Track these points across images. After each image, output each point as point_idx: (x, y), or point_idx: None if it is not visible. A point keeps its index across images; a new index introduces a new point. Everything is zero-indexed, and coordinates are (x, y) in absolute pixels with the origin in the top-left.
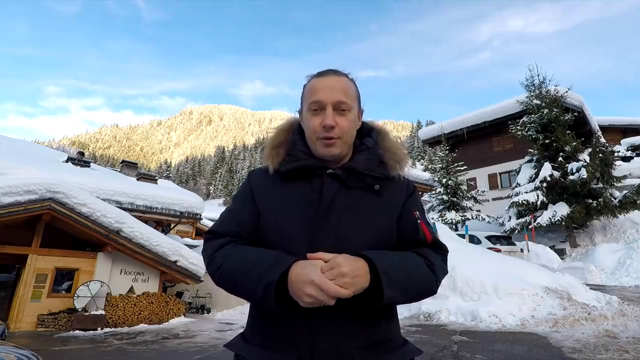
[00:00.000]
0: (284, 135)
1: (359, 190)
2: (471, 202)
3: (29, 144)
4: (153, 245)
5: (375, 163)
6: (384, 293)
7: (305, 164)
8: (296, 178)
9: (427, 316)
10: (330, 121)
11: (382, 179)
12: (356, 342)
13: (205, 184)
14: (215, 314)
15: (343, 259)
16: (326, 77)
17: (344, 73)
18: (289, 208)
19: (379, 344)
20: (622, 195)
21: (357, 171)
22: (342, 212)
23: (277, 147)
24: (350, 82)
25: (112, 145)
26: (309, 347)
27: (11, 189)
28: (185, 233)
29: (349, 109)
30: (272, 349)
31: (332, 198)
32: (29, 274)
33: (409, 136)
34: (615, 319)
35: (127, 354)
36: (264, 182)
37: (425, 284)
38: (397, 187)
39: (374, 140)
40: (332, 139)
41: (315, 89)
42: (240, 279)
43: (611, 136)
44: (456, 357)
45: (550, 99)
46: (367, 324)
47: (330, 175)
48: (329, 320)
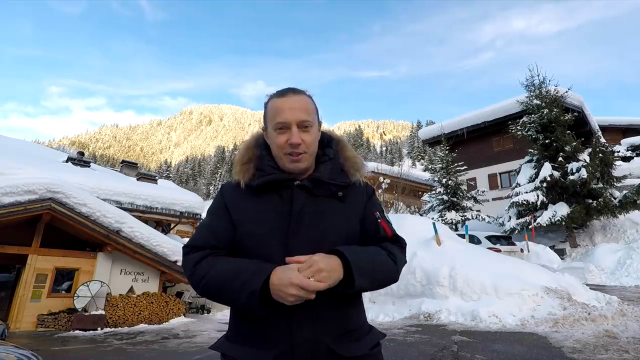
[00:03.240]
0: (251, 151)
1: (324, 197)
2: (471, 202)
3: (29, 144)
4: (153, 245)
5: (337, 172)
6: (354, 281)
7: (275, 178)
8: (267, 191)
9: (427, 316)
10: (297, 139)
11: (345, 186)
12: (331, 332)
13: (205, 184)
14: (215, 314)
15: (318, 257)
16: (287, 98)
17: (302, 91)
18: (263, 219)
19: (350, 332)
20: (622, 195)
21: (322, 181)
22: (311, 219)
23: (247, 164)
24: (309, 100)
25: (112, 145)
26: (289, 341)
27: (11, 189)
28: (185, 233)
29: (311, 125)
30: (256, 346)
31: (302, 207)
32: (29, 274)
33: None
34: (615, 319)
35: (127, 354)
36: (237, 196)
37: (389, 272)
38: (358, 192)
39: (334, 150)
40: (299, 155)
41: (278, 110)
42: (224, 289)
43: (611, 136)
44: (456, 357)
45: (550, 99)
46: (339, 315)
47: (298, 187)
48: (306, 315)
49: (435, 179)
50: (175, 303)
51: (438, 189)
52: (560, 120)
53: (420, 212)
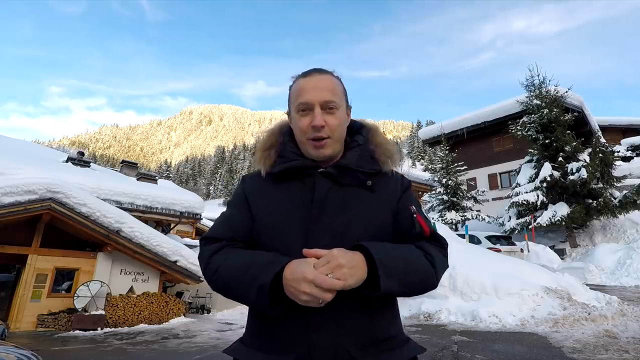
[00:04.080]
0: (274, 137)
1: (351, 186)
2: (471, 202)
3: (29, 144)
4: (153, 245)
5: (366, 159)
6: (380, 282)
7: (297, 164)
8: (289, 179)
9: (427, 316)
10: (320, 121)
11: (374, 175)
12: (355, 339)
13: (205, 184)
14: (215, 314)
15: (338, 252)
16: (311, 77)
17: (329, 71)
18: (282, 209)
19: (379, 341)
20: (622, 195)
21: (349, 168)
22: (335, 209)
23: (268, 150)
24: (335, 80)
25: (112, 145)
26: (307, 346)
27: (11, 189)
28: (185, 233)
29: (337, 107)
30: (271, 351)
31: (325, 196)
32: (29, 274)
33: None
34: (615, 319)
35: (127, 354)
36: (257, 185)
37: (424, 275)
38: (390, 183)
39: (364, 137)
40: (322, 140)
41: (301, 90)
42: (235, 283)
43: (611, 136)
44: (456, 357)
45: (550, 99)
46: (366, 321)
47: (322, 174)
48: (326, 317)
49: (435, 179)
50: (175, 303)
51: (438, 189)
52: (560, 120)
53: None
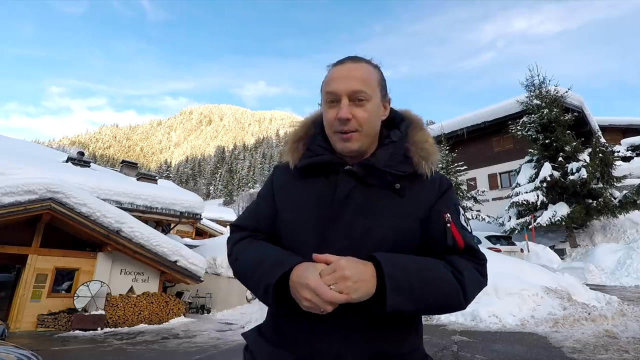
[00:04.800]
0: (305, 129)
1: (378, 188)
2: (471, 202)
3: (29, 144)
4: (153, 245)
5: (398, 159)
6: (387, 299)
7: (322, 160)
8: (314, 174)
9: (427, 316)
10: (345, 113)
11: (405, 177)
12: (360, 352)
13: (205, 184)
14: (215, 314)
15: (346, 262)
16: (343, 65)
17: (365, 59)
18: (302, 205)
19: (388, 356)
20: (622, 195)
21: (376, 167)
22: (355, 211)
23: (297, 142)
24: (370, 68)
25: (112, 145)
26: (310, 350)
27: (11, 189)
28: (185, 233)
29: (368, 99)
30: (277, 345)
31: (347, 196)
32: (29, 274)
33: None
34: (615, 319)
35: (127, 354)
36: (285, 178)
37: (446, 295)
38: (425, 186)
39: (401, 132)
40: (348, 133)
41: (331, 79)
42: (247, 277)
43: (611, 136)
44: (456, 357)
45: (550, 99)
46: (375, 334)
47: (347, 172)
48: (331, 326)
49: None
50: (175, 303)
51: None
52: (560, 120)
53: None
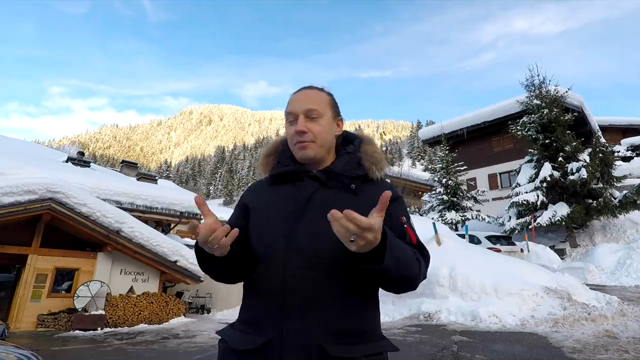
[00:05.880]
0: (275, 147)
1: (337, 189)
2: (471, 202)
3: (29, 144)
4: (153, 245)
5: (353, 165)
6: (385, 258)
7: (290, 169)
8: (283, 182)
9: (427, 316)
10: (301, 127)
11: (358, 179)
12: (326, 329)
13: (205, 184)
14: (215, 314)
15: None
16: (299, 92)
17: (317, 87)
18: (272, 204)
19: (352, 334)
20: (622, 195)
21: (334, 172)
22: (317, 208)
23: (268, 157)
24: (322, 93)
25: (112, 145)
26: (279, 331)
27: (11, 189)
28: (185, 233)
29: (320, 115)
30: (247, 332)
31: (310, 196)
32: (29, 274)
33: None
34: (615, 319)
35: (127, 354)
36: (258, 189)
37: (413, 269)
38: (376, 189)
39: (355, 146)
40: (305, 142)
41: (290, 103)
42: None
43: (611, 136)
44: (456, 357)
45: (550, 99)
46: (342, 312)
47: (310, 177)
48: (300, 306)
49: (435, 179)
50: (175, 303)
51: (438, 189)
52: (560, 120)
53: (420, 212)
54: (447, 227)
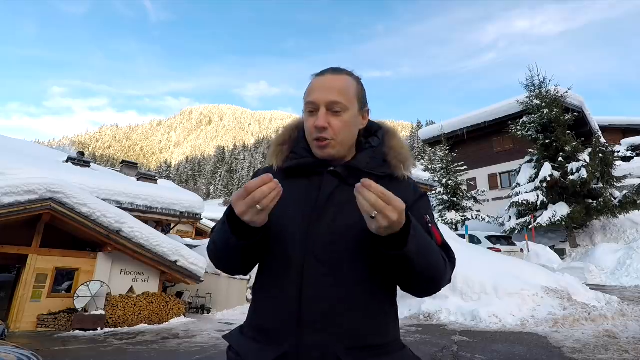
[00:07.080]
0: (289, 133)
1: None
2: (471, 202)
3: (29, 144)
4: (153, 245)
5: (377, 162)
6: (408, 242)
7: (306, 162)
8: (298, 176)
9: (427, 316)
10: (321, 122)
11: (384, 178)
12: (346, 342)
13: (205, 184)
14: (215, 314)
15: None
16: (323, 77)
17: (345, 70)
18: (288, 204)
19: (372, 347)
20: (622, 195)
21: (358, 169)
22: (338, 208)
23: (282, 145)
24: (349, 80)
25: (112, 145)
26: (295, 343)
27: (11, 189)
28: (185, 233)
29: (344, 109)
30: (262, 342)
31: (330, 195)
32: (29, 274)
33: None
34: (615, 319)
35: (127, 354)
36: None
37: (439, 265)
38: (401, 189)
39: (379, 139)
40: (325, 140)
41: (311, 89)
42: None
43: (611, 136)
44: (456, 357)
45: (550, 99)
46: (363, 324)
47: (330, 173)
48: (319, 317)
49: (435, 179)
50: (175, 303)
51: (438, 189)
52: (560, 120)
53: None
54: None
